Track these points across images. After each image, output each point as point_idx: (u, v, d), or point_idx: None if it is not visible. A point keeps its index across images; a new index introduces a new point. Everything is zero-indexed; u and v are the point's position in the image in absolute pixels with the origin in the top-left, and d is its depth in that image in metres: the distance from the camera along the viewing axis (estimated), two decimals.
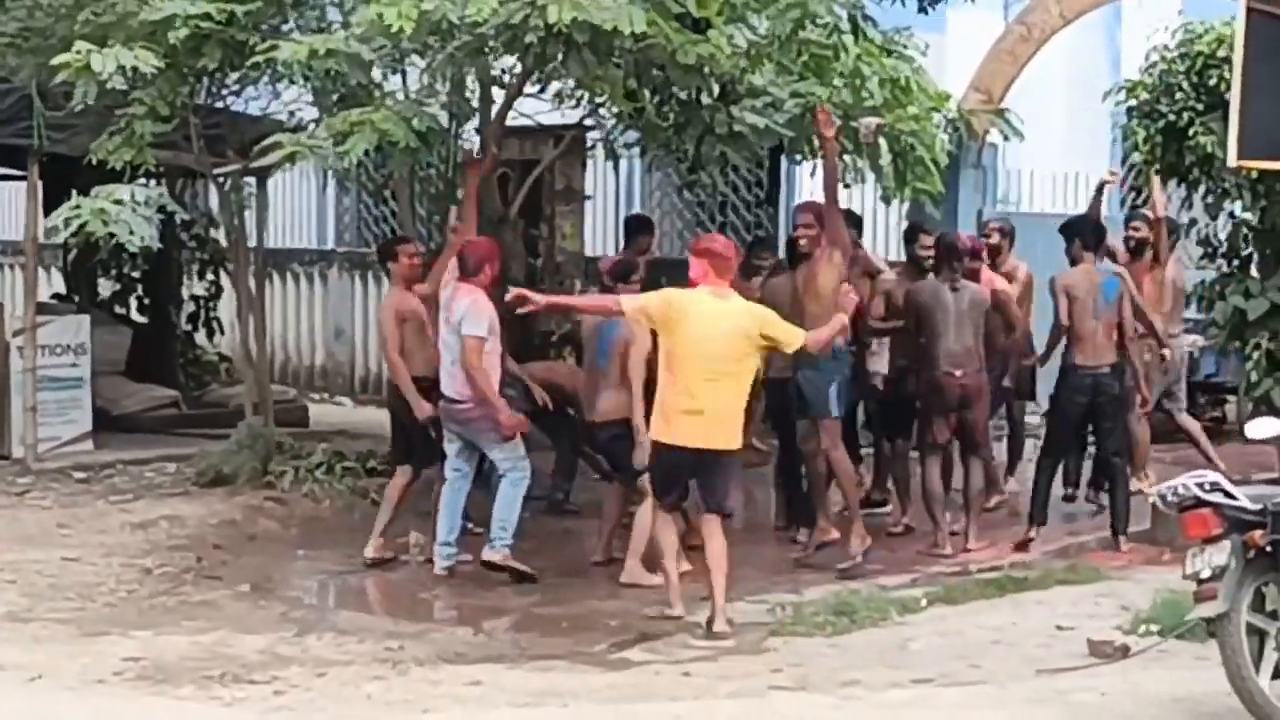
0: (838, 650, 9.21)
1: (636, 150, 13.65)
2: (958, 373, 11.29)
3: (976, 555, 11.28)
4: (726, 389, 9.42)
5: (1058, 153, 16.48)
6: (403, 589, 10.89)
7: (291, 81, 12.08)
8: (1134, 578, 10.77)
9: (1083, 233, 11.85)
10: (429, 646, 9.31)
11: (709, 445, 9.48)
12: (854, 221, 12.04)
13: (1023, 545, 11.52)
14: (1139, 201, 17.72)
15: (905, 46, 13.04)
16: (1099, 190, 12.82)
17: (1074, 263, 11.78)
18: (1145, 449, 12.89)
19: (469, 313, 10.62)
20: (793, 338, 9.69)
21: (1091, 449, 12.50)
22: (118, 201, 10.79)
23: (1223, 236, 12.92)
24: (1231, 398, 15.76)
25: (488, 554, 10.73)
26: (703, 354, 9.37)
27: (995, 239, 12.95)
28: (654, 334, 9.87)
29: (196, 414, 15.68)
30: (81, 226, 10.73)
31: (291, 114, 13.26)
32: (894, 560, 11.22)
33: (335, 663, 8.93)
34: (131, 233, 10.74)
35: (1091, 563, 11.24)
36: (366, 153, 10.41)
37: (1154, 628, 9.05)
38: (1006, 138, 13.53)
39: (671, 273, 14.59)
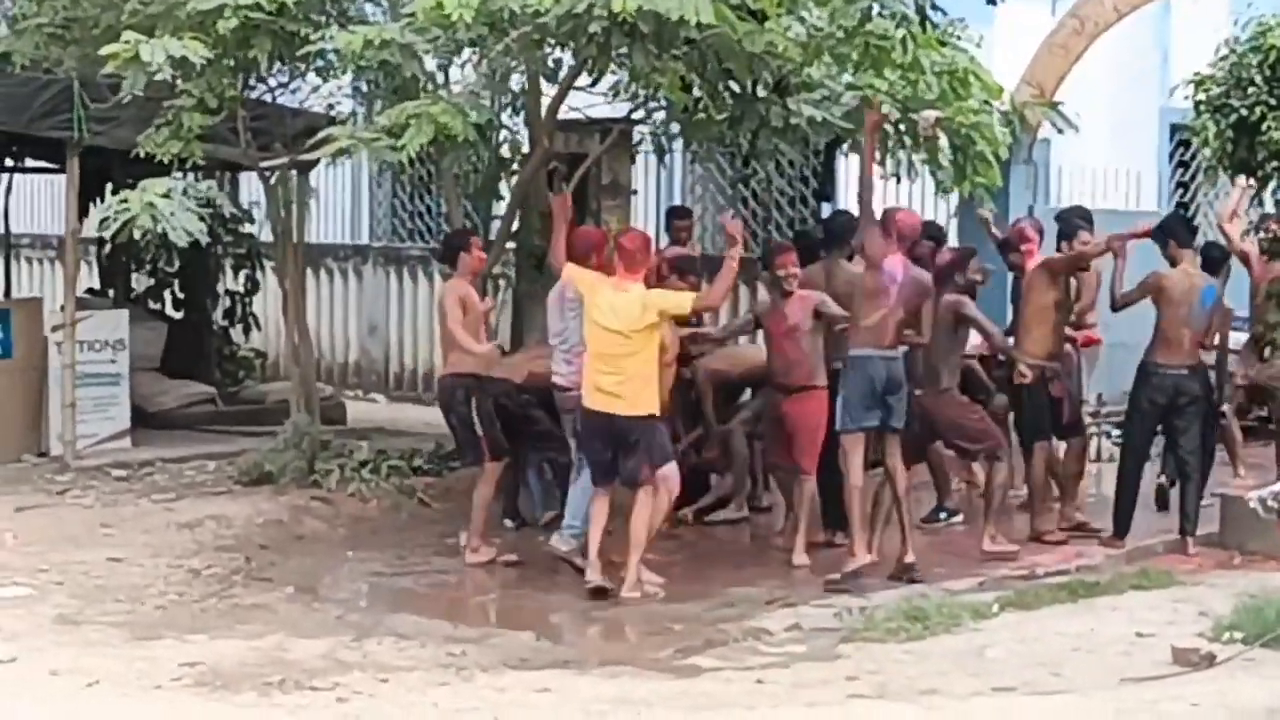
0: (913, 657, 8.95)
1: (680, 144, 13.42)
2: (918, 391, 10.90)
3: (1040, 559, 11.03)
4: (626, 366, 10.13)
5: (1104, 148, 16.22)
6: (457, 591, 10.68)
7: (334, 74, 11.88)
8: (1208, 582, 10.54)
9: (1177, 232, 11.54)
10: (492, 652, 9.06)
11: (615, 410, 10.16)
12: (935, 232, 11.85)
13: (1108, 542, 11.45)
14: (1186, 199, 17.58)
15: (959, 38, 12.83)
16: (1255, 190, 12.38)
17: (1172, 263, 11.45)
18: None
19: None
20: (682, 303, 10.53)
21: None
22: (165, 195, 10.61)
23: None
24: None
25: (556, 542, 10.72)
26: (597, 338, 10.23)
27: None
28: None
29: (232, 410, 15.50)
30: (127, 222, 10.53)
31: (331, 106, 13.07)
32: (959, 564, 11.01)
33: (398, 669, 8.67)
34: (178, 228, 10.56)
35: (1162, 567, 10.99)
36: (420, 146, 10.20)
37: (1238, 635, 8.79)
38: (1061, 131, 13.26)
39: (713, 268, 14.40)
